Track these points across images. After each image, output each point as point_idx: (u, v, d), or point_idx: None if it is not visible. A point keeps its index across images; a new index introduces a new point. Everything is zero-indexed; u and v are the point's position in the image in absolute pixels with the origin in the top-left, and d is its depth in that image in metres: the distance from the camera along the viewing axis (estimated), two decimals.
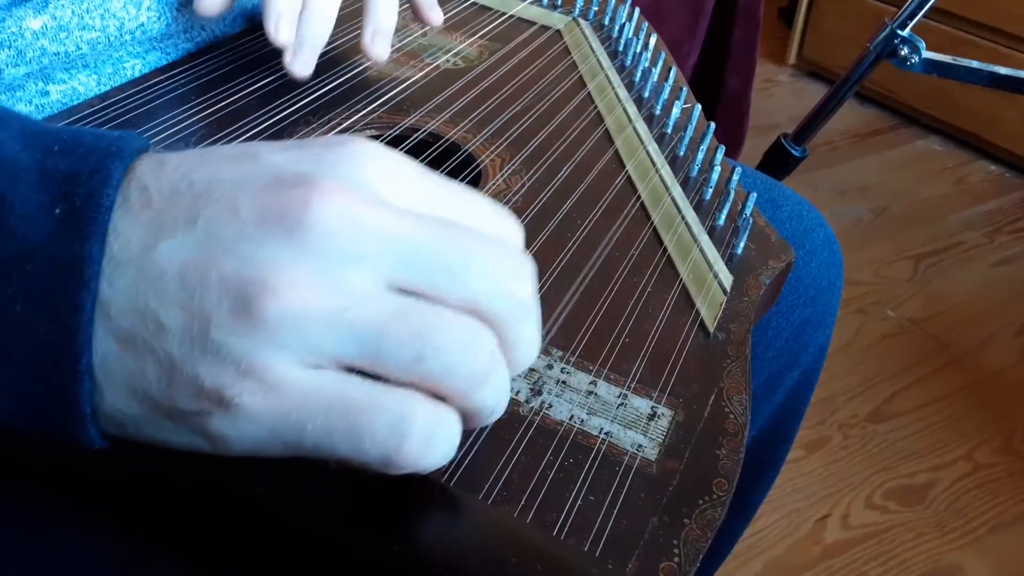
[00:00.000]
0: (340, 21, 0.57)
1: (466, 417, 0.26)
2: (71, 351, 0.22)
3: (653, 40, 0.59)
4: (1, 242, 0.22)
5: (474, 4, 0.63)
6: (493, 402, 0.25)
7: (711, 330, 0.38)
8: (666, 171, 0.48)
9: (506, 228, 0.27)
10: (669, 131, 0.52)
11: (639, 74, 0.57)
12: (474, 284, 0.24)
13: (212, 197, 0.23)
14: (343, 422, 0.23)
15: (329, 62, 0.52)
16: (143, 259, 0.23)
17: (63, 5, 0.43)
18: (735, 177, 0.46)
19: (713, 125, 0.51)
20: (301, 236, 0.23)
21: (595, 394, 0.33)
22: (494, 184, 0.45)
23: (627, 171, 0.47)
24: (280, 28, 0.45)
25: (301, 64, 0.46)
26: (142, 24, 0.47)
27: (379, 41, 0.49)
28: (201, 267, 0.22)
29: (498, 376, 0.25)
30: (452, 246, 0.24)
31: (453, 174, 0.45)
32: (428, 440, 0.24)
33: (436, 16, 0.54)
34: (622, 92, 0.54)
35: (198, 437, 0.24)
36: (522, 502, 0.29)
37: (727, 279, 0.41)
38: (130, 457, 0.27)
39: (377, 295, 0.23)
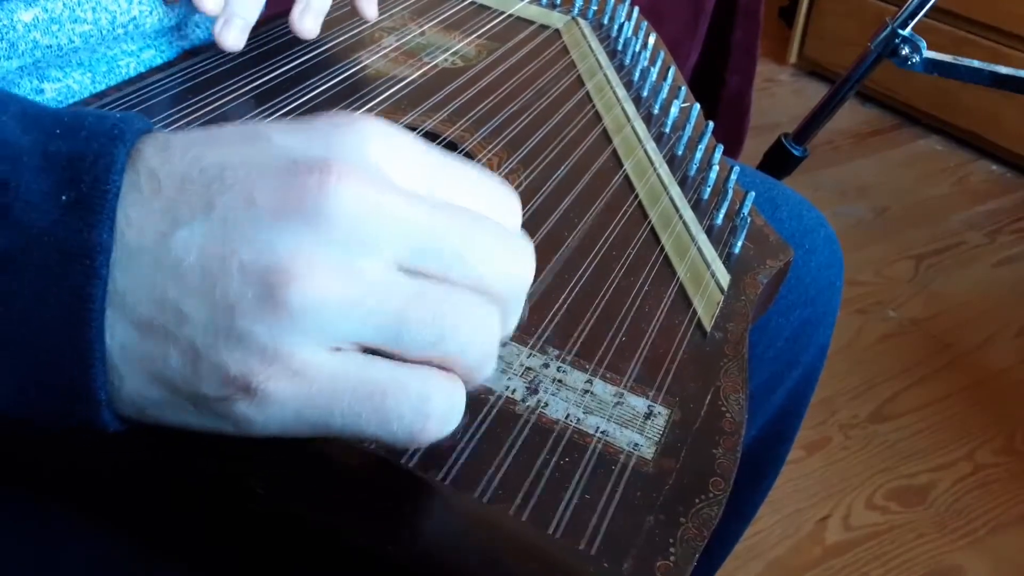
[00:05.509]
0: (338, 20, 0.57)
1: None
2: (83, 340, 0.22)
3: (652, 39, 0.59)
4: (6, 230, 0.22)
5: (473, 3, 0.63)
6: (491, 372, 0.27)
7: (708, 329, 0.37)
8: (664, 170, 0.47)
9: (506, 203, 0.28)
10: (667, 130, 0.51)
11: (638, 73, 0.56)
12: (481, 267, 0.25)
13: (226, 183, 0.23)
14: (369, 404, 0.24)
15: (326, 61, 0.52)
16: (159, 247, 0.23)
17: None
18: (733, 176, 0.46)
19: (711, 124, 0.50)
20: (318, 223, 0.23)
21: (591, 393, 0.33)
22: None
23: (625, 170, 0.47)
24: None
25: (230, 37, 0.47)
26: (134, 18, 0.47)
27: (308, 17, 0.50)
28: (221, 255, 0.23)
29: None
30: (459, 231, 0.25)
31: None
32: (446, 416, 0.25)
33: (370, 10, 0.54)
34: (620, 91, 0.54)
35: (222, 420, 0.24)
36: (518, 501, 0.28)
37: (724, 278, 0.41)
38: (133, 454, 0.27)
39: (394, 280, 0.24)
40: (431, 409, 0.24)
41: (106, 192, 0.22)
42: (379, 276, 0.24)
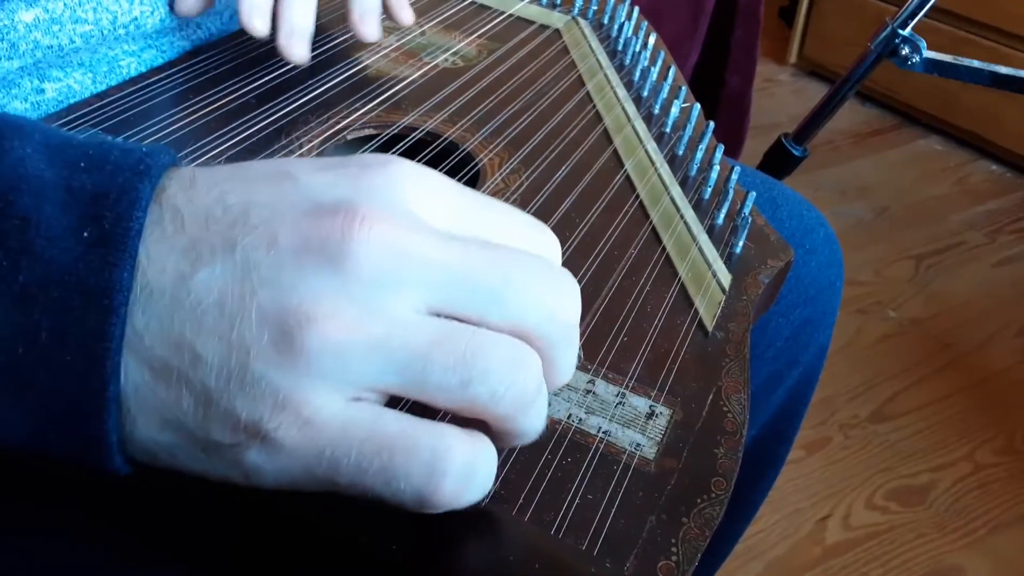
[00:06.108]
0: (339, 20, 0.57)
1: (503, 438, 0.25)
2: (97, 380, 0.22)
3: (652, 39, 0.59)
4: (27, 265, 0.22)
5: (473, 3, 0.63)
6: (539, 424, 0.25)
7: (709, 329, 0.37)
8: (665, 170, 0.47)
9: (545, 244, 0.26)
10: (668, 130, 0.51)
11: (638, 73, 0.56)
12: (519, 307, 0.24)
13: (249, 223, 0.23)
14: (377, 460, 0.23)
15: (327, 61, 0.52)
16: (179, 287, 0.22)
17: None
18: (734, 176, 0.46)
19: (712, 124, 0.50)
20: (342, 266, 0.22)
21: (593, 393, 0.33)
22: (492, 183, 0.44)
23: (626, 170, 0.47)
24: (254, 17, 0.46)
25: (298, 52, 0.47)
26: (135, 18, 0.47)
27: (368, 20, 0.50)
28: (240, 297, 0.22)
29: (542, 399, 0.25)
30: (495, 270, 0.24)
31: (451, 173, 0.45)
32: (467, 478, 0.23)
33: (406, 15, 0.54)
34: (621, 91, 0.54)
35: (233, 469, 0.23)
36: (520, 501, 0.29)
37: (726, 278, 0.41)
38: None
39: (419, 321, 0.23)
40: (447, 467, 0.23)
41: (128, 229, 0.22)
42: (403, 317, 0.23)
